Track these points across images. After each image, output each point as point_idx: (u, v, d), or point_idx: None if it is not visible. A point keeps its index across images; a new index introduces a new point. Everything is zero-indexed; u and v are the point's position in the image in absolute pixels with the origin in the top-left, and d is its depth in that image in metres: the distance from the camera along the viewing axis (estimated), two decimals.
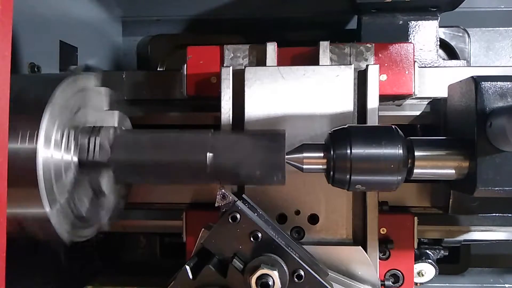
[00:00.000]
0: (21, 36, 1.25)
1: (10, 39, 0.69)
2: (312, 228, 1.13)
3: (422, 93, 1.23)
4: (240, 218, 0.90)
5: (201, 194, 1.31)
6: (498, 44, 1.87)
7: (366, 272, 1.07)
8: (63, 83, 0.95)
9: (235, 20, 1.82)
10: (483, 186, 0.92)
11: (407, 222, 1.22)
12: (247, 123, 1.12)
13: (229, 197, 0.91)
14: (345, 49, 1.19)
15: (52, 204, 0.90)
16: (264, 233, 0.90)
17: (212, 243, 0.91)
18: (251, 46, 1.21)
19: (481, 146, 0.91)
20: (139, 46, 1.97)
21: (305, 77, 1.11)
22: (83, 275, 1.54)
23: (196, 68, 1.23)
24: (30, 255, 1.19)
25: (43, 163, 0.87)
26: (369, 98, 1.12)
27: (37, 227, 0.92)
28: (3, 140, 0.68)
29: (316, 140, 1.02)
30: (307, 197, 1.13)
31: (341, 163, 0.93)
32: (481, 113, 0.92)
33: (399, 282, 1.23)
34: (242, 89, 1.12)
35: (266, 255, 0.89)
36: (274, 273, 0.84)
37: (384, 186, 0.95)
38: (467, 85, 0.98)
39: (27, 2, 1.29)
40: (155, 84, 1.34)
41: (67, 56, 1.51)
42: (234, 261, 0.89)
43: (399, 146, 0.92)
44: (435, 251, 1.43)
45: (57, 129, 0.92)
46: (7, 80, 0.68)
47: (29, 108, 0.90)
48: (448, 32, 1.73)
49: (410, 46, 1.20)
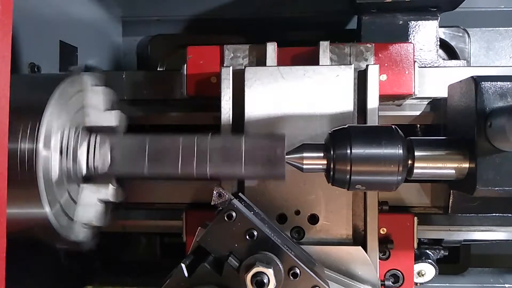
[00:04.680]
0: (21, 36, 1.25)
1: (10, 39, 0.69)
2: (312, 228, 1.13)
3: (422, 93, 1.23)
4: (236, 216, 0.90)
5: (201, 194, 1.31)
6: (498, 44, 1.87)
7: (366, 272, 1.07)
8: (63, 83, 0.95)
9: (235, 20, 1.82)
10: (483, 186, 0.92)
11: (407, 222, 1.22)
12: (247, 123, 1.12)
13: (225, 195, 0.92)
14: (345, 49, 1.19)
15: (52, 204, 0.90)
16: (260, 231, 0.90)
17: (207, 241, 0.92)
18: (251, 46, 1.21)
19: (481, 146, 0.91)
20: (139, 46, 1.97)
21: (305, 77, 1.11)
22: (83, 275, 1.54)
23: (196, 68, 1.23)
24: (30, 255, 1.19)
25: (43, 163, 0.87)
26: (369, 98, 1.12)
27: (37, 227, 0.92)
28: (3, 140, 0.68)
29: (316, 140, 1.02)
30: (307, 197, 1.13)
31: (341, 163, 0.93)
32: (481, 113, 0.92)
33: (399, 282, 1.23)
34: (242, 89, 1.12)
35: (262, 253, 0.89)
36: (269, 271, 0.84)
37: (384, 186, 0.95)
38: (467, 85, 0.98)
39: (27, 2, 1.29)
40: (155, 84, 1.34)
41: (67, 56, 1.51)
42: (230, 259, 0.89)
43: (399, 146, 0.92)
44: (435, 251, 1.43)
45: (57, 129, 0.92)
46: (7, 80, 0.68)
47: (29, 108, 0.90)
48: (448, 32, 1.73)
49: (410, 46, 1.20)
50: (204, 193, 1.30)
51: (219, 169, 0.97)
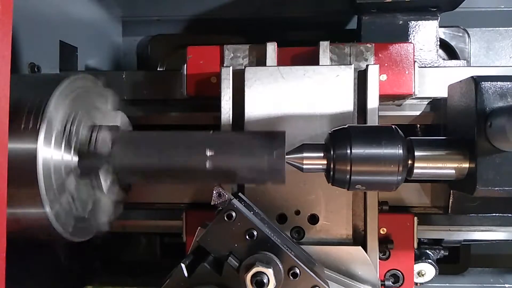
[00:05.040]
0: (21, 36, 1.25)
1: (10, 39, 0.69)
2: (312, 228, 1.13)
3: (422, 93, 1.23)
4: (236, 216, 0.90)
5: (201, 194, 1.31)
6: (498, 44, 1.87)
7: (366, 272, 1.07)
8: (63, 83, 0.95)
9: (235, 20, 1.82)
10: (483, 186, 0.92)
11: (407, 222, 1.22)
12: (247, 123, 1.12)
13: (225, 195, 0.92)
14: (345, 49, 1.19)
15: (52, 204, 0.90)
16: (260, 231, 0.90)
17: (207, 241, 0.92)
18: (251, 46, 1.21)
19: (481, 146, 0.91)
20: (139, 46, 1.97)
21: (305, 77, 1.11)
22: (83, 275, 1.54)
23: (196, 68, 1.23)
24: (30, 255, 1.19)
25: (43, 163, 0.87)
26: (369, 98, 1.12)
27: (37, 227, 0.92)
28: (3, 140, 0.68)
29: (316, 140, 1.02)
30: (307, 197, 1.13)
31: (341, 163, 0.93)
32: (481, 113, 0.92)
33: (399, 282, 1.23)
34: (242, 89, 1.12)
35: (262, 253, 0.89)
36: (269, 271, 0.84)
37: (384, 186, 0.95)
38: (467, 85, 0.98)
39: (27, 2, 1.29)
40: (155, 84, 1.34)
41: (67, 56, 1.51)
42: (230, 259, 0.89)
43: (399, 146, 0.92)
44: (435, 251, 1.43)
45: (57, 129, 0.92)
46: (7, 80, 0.68)
47: (29, 108, 0.90)
48: (448, 32, 1.73)
49: (410, 46, 1.20)
50: (204, 193, 1.30)
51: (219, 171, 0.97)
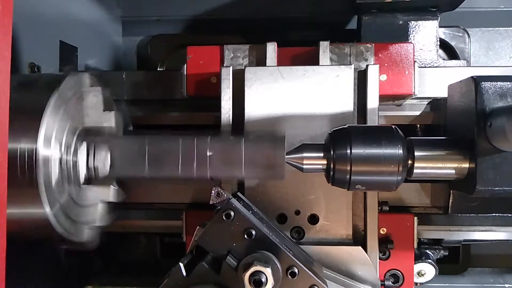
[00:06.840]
0: (21, 36, 1.25)
1: (10, 39, 0.69)
2: (312, 228, 1.13)
3: (422, 93, 1.23)
4: (234, 215, 0.90)
5: (201, 194, 1.31)
6: (498, 44, 1.87)
7: (366, 272, 1.07)
8: (63, 83, 0.95)
9: (235, 20, 1.82)
10: (483, 186, 0.92)
11: (407, 222, 1.22)
12: (247, 123, 1.12)
13: (223, 195, 0.92)
14: (345, 49, 1.19)
15: (52, 204, 0.90)
16: (258, 231, 0.90)
17: (206, 240, 0.92)
18: (251, 46, 1.21)
19: (481, 146, 0.91)
20: (139, 46, 1.97)
21: (305, 77, 1.11)
22: (83, 275, 1.54)
23: (196, 68, 1.23)
24: (30, 255, 1.19)
25: (43, 163, 0.87)
26: (369, 98, 1.12)
27: (37, 227, 0.92)
28: (3, 140, 0.68)
29: (316, 140, 1.02)
30: (307, 197, 1.13)
31: (341, 163, 0.93)
32: (481, 113, 0.92)
33: (399, 282, 1.23)
34: (242, 89, 1.12)
35: (260, 252, 0.89)
36: (267, 270, 0.84)
37: (384, 186, 0.95)
38: (467, 85, 0.98)
39: (27, 2, 1.29)
40: (155, 84, 1.34)
41: (67, 56, 1.51)
42: (228, 258, 0.89)
43: (399, 146, 0.92)
44: (435, 251, 1.42)
45: (57, 129, 0.92)
46: (7, 80, 0.68)
47: (29, 108, 0.90)
48: (448, 32, 1.73)
49: (410, 46, 1.20)
50: (204, 193, 1.29)
51: (219, 171, 0.97)
